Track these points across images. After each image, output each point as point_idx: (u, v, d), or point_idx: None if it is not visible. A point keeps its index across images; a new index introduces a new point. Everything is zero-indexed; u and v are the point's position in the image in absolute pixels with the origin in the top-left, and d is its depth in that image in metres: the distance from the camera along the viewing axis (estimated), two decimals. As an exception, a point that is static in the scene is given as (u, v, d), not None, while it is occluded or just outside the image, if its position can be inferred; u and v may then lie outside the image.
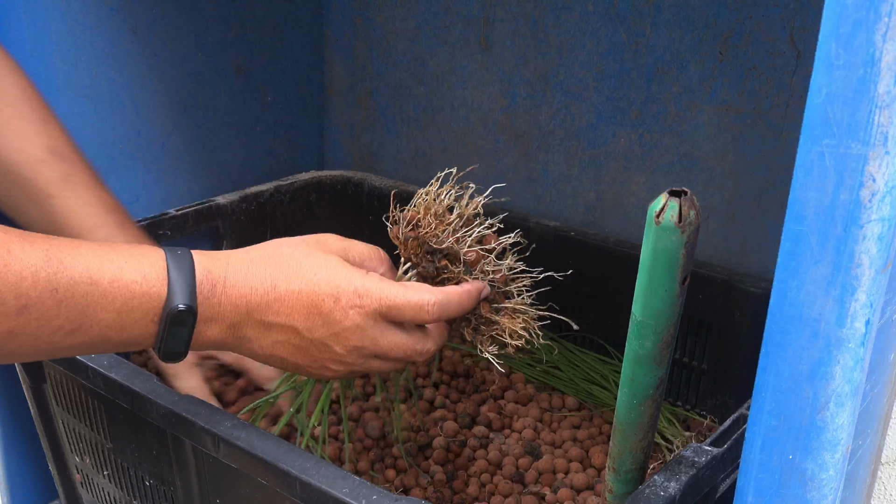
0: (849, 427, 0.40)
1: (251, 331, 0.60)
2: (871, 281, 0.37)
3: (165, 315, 0.55)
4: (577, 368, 0.96)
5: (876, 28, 0.33)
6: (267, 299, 0.59)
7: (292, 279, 0.60)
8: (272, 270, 0.60)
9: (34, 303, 0.49)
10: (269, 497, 0.65)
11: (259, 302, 0.59)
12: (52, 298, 0.50)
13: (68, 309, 0.51)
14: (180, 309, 0.55)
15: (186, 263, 0.56)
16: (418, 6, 1.11)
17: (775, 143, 0.87)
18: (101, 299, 0.52)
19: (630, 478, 0.59)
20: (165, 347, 0.56)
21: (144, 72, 1.01)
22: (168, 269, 0.55)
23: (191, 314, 0.56)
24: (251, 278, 0.59)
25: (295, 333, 0.60)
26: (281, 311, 0.59)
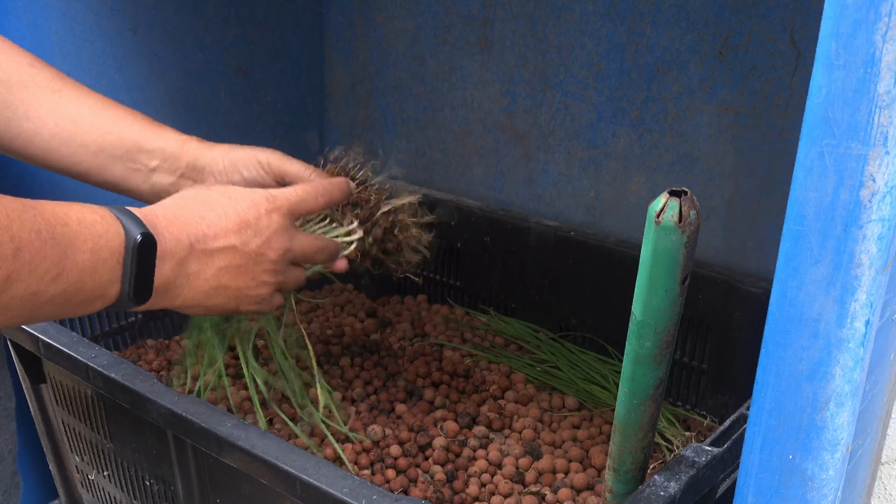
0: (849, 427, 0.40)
1: (195, 264, 0.63)
2: (871, 281, 0.37)
3: (130, 247, 0.56)
4: (577, 368, 0.96)
5: (876, 28, 0.33)
6: (202, 228, 0.63)
7: (215, 206, 0.65)
8: (194, 205, 0.65)
9: (25, 244, 0.49)
10: (269, 497, 0.65)
11: (196, 233, 0.63)
12: (38, 239, 0.50)
13: (52, 250, 0.51)
14: (139, 238, 0.57)
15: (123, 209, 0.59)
16: (418, 6, 1.11)
17: (775, 143, 0.87)
18: (75, 239, 0.53)
19: (630, 478, 0.59)
20: (134, 286, 0.57)
21: (144, 72, 1.01)
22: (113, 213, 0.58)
23: (152, 242, 0.58)
24: (181, 215, 0.63)
25: (234, 252, 0.65)
26: (218, 235, 0.64)
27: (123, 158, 0.77)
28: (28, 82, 0.74)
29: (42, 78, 0.75)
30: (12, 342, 0.84)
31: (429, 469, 0.80)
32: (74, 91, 0.76)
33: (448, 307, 1.11)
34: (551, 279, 1.01)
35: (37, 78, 0.74)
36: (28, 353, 0.82)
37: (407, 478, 0.79)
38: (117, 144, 0.77)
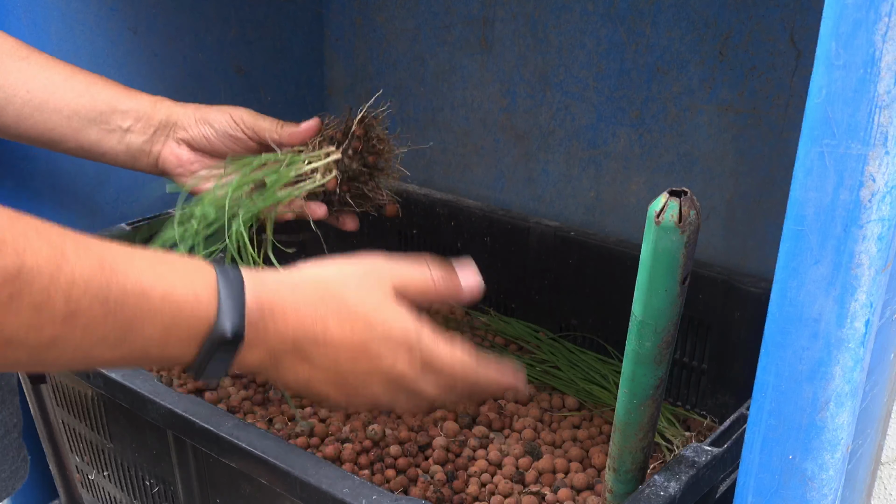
0: (849, 427, 0.40)
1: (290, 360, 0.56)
2: (871, 281, 0.37)
3: (211, 339, 0.51)
4: (577, 368, 0.96)
5: (876, 28, 0.33)
6: (315, 336, 0.56)
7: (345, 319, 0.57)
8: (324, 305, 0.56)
9: (83, 310, 0.46)
10: (269, 497, 0.65)
11: (306, 337, 0.56)
12: (101, 308, 0.47)
13: (116, 320, 0.47)
14: (227, 336, 0.51)
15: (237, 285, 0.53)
16: (418, 6, 1.11)
17: (775, 143, 0.87)
18: (150, 314, 0.49)
19: (630, 478, 0.59)
20: (205, 371, 0.53)
21: (144, 72, 1.01)
22: (219, 291, 0.52)
23: (237, 341, 0.52)
24: (302, 309, 0.55)
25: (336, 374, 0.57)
26: (328, 353, 0.56)
27: (97, 121, 0.77)
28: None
29: (8, 46, 0.75)
30: (12, 342, 0.84)
31: (429, 469, 0.80)
32: (42, 58, 0.76)
33: (448, 307, 1.11)
34: (551, 279, 1.01)
35: (3, 47, 0.74)
36: (28, 353, 0.82)
37: (407, 478, 0.79)
38: (90, 107, 0.77)
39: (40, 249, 0.44)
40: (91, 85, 0.77)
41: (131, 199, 1.03)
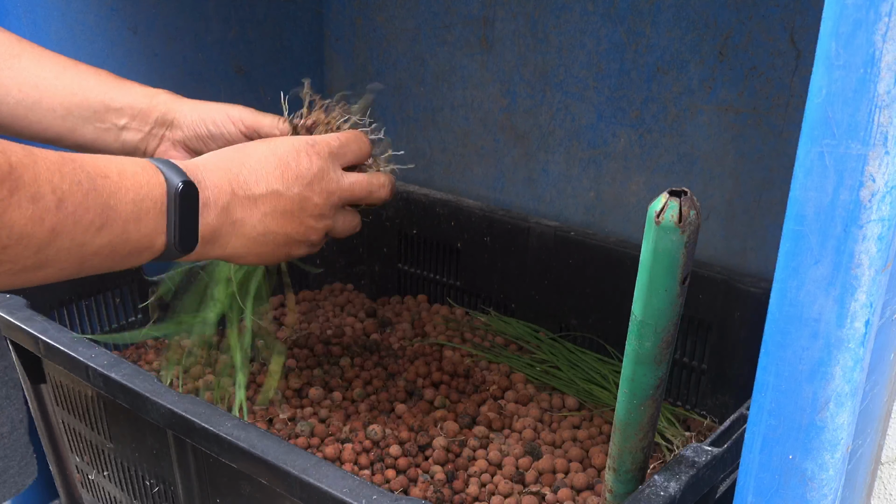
0: (849, 427, 0.40)
1: (240, 210, 0.63)
2: (871, 281, 0.37)
3: (172, 195, 0.57)
4: (577, 368, 0.96)
5: (876, 28, 0.33)
6: (243, 174, 0.63)
7: (254, 153, 0.65)
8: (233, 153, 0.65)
9: (67, 195, 0.49)
10: (269, 497, 0.65)
11: (237, 179, 0.63)
12: (80, 191, 0.50)
13: (94, 201, 0.51)
14: (181, 186, 0.57)
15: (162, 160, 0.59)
16: (418, 6, 1.11)
17: (775, 143, 0.87)
18: (117, 191, 0.53)
19: (630, 478, 0.59)
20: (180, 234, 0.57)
21: (144, 72, 1.01)
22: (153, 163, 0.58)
23: (193, 189, 0.58)
24: (220, 163, 0.63)
25: (278, 196, 0.65)
26: (259, 179, 0.64)
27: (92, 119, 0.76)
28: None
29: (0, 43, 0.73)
30: (12, 342, 0.84)
31: (429, 469, 0.80)
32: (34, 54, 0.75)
33: (448, 307, 1.11)
34: (551, 279, 1.01)
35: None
36: (28, 353, 0.82)
37: (407, 478, 0.79)
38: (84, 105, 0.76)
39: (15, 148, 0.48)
40: (83, 80, 0.75)
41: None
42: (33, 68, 0.74)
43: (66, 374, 0.79)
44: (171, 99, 0.77)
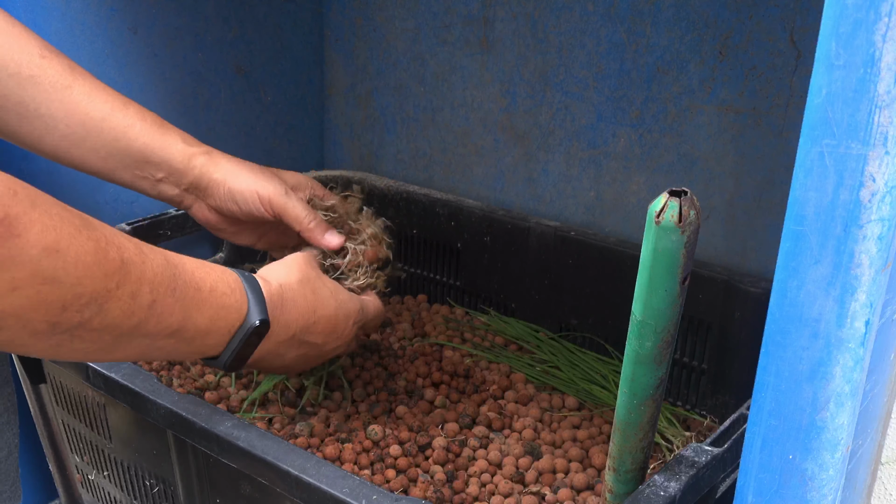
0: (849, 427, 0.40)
1: (286, 348, 0.69)
2: (871, 281, 0.37)
3: (246, 328, 0.61)
4: (577, 368, 0.96)
5: (876, 28, 0.33)
6: (309, 323, 0.69)
7: (325, 305, 0.71)
8: (311, 296, 0.70)
9: (160, 299, 0.53)
10: (269, 497, 0.65)
11: (304, 325, 0.69)
12: (171, 297, 0.54)
13: (180, 310, 0.55)
14: (257, 324, 0.61)
15: (255, 284, 0.63)
16: (418, 6, 1.11)
17: (775, 143, 0.87)
18: (202, 305, 0.57)
19: (630, 478, 0.59)
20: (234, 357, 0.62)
21: (144, 72, 1.01)
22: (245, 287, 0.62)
23: (265, 328, 0.62)
24: (299, 302, 0.68)
25: (315, 347, 0.72)
26: (314, 332, 0.70)
27: (132, 167, 0.78)
28: (39, 77, 0.73)
29: (53, 72, 0.74)
30: (12, 342, 0.84)
31: (429, 469, 0.80)
32: (85, 88, 0.75)
33: (448, 307, 1.11)
34: (551, 279, 1.01)
35: (48, 72, 0.74)
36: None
37: (407, 478, 0.79)
38: (125, 154, 0.77)
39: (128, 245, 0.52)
40: (128, 128, 0.77)
41: (131, 199, 1.03)
42: (84, 104, 0.75)
43: (66, 374, 0.79)
44: (207, 162, 0.79)
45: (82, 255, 0.48)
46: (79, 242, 0.48)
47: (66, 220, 0.47)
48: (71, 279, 0.47)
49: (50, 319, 0.47)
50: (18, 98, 0.73)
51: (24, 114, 0.74)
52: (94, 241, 0.49)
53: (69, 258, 0.47)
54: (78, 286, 0.48)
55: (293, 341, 0.69)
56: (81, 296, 0.48)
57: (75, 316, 0.48)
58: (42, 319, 0.47)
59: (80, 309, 0.48)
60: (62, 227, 0.47)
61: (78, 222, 0.48)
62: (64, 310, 0.47)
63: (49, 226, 0.46)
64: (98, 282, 0.49)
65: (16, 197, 0.44)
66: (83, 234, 0.48)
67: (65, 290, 0.47)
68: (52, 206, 0.47)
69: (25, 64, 0.73)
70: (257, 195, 0.78)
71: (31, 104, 0.74)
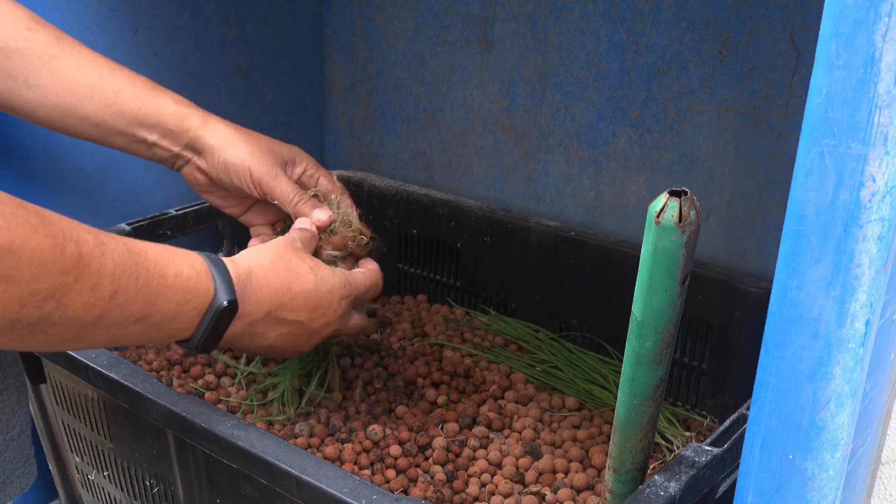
0: (849, 427, 0.40)
1: (263, 326, 0.67)
2: (871, 281, 0.37)
3: (214, 309, 0.61)
4: (577, 368, 0.96)
5: (876, 28, 0.33)
6: (284, 299, 0.68)
7: (302, 281, 0.70)
8: (285, 273, 0.69)
9: (122, 289, 0.54)
10: (270, 497, 0.65)
11: (278, 302, 0.67)
12: (134, 286, 0.55)
13: (143, 297, 0.55)
14: (225, 305, 0.61)
15: (222, 266, 0.63)
16: (418, 6, 1.11)
17: (775, 143, 0.87)
18: (167, 291, 0.57)
19: (630, 478, 0.59)
20: (205, 338, 0.62)
21: (144, 72, 1.00)
22: (210, 269, 0.62)
23: (233, 309, 0.62)
24: (272, 281, 0.67)
25: (299, 326, 0.70)
26: (293, 308, 0.69)
27: (124, 132, 0.78)
28: (25, 49, 0.74)
29: (39, 43, 0.74)
30: (12, 342, 0.84)
31: (429, 469, 0.80)
32: (73, 57, 0.75)
33: (448, 307, 1.11)
34: (551, 279, 1.01)
35: (34, 43, 0.74)
36: (28, 353, 0.82)
37: (407, 478, 0.79)
38: (117, 118, 0.77)
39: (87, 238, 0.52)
40: (118, 92, 0.77)
41: (131, 199, 1.03)
42: (72, 72, 0.76)
43: (66, 374, 0.79)
44: (201, 124, 0.79)
45: (37, 253, 0.48)
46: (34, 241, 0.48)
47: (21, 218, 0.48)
48: (26, 277, 0.48)
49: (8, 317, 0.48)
50: (7, 71, 0.74)
51: (13, 87, 0.74)
52: (51, 238, 0.49)
53: (24, 257, 0.47)
54: (34, 283, 0.48)
55: (270, 320, 0.67)
56: (38, 292, 0.49)
57: (34, 312, 0.49)
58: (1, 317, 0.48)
59: (38, 305, 0.49)
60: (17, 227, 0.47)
61: (34, 220, 0.49)
62: (22, 306, 0.48)
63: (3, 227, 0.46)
64: (55, 277, 0.49)
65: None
66: (39, 232, 0.49)
67: (21, 288, 0.48)
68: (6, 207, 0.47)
69: (12, 37, 0.73)
70: (249, 173, 0.79)
71: (21, 76, 0.74)
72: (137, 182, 1.03)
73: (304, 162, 0.84)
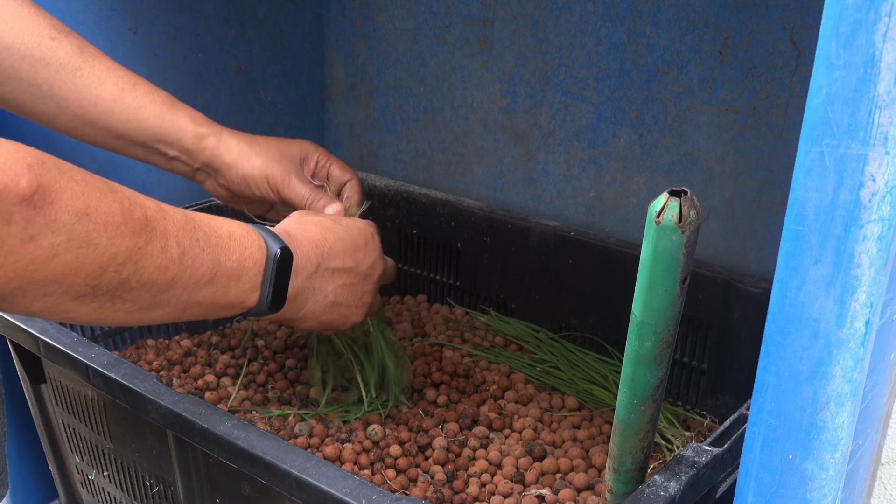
0: (849, 427, 0.40)
1: (319, 280, 0.70)
2: (871, 281, 0.37)
3: (271, 259, 0.63)
4: (577, 368, 0.96)
5: (876, 28, 0.33)
6: (325, 249, 0.70)
7: (333, 230, 0.72)
8: (315, 228, 0.71)
9: (188, 250, 0.55)
10: (270, 497, 0.65)
11: (321, 252, 0.69)
12: (198, 246, 0.56)
13: (209, 257, 0.57)
14: (279, 252, 0.63)
15: (263, 227, 0.65)
16: (418, 6, 1.11)
17: (775, 143, 0.87)
18: (227, 249, 0.59)
19: (630, 478, 0.59)
20: (273, 293, 0.63)
21: (144, 72, 1.01)
22: (255, 228, 0.64)
23: (288, 258, 0.64)
24: (309, 235, 0.69)
25: (350, 272, 0.72)
26: (338, 256, 0.71)
27: (144, 145, 0.80)
28: (49, 59, 0.75)
29: (63, 53, 0.75)
30: (12, 342, 0.84)
31: (429, 469, 0.80)
32: (94, 70, 0.77)
33: (448, 307, 1.11)
34: (551, 279, 1.01)
35: (58, 53, 0.75)
36: (28, 353, 0.83)
37: (407, 478, 0.79)
38: (137, 133, 0.79)
39: (149, 204, 0.54)
40: (138, 111, 0.78)
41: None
42: (94, 86, 0.77)
43: (66, 374, 0.79)
44: (217, 144, 0.81)
45: (110, 217, 0.50)
46: (105, 205, 0.50)
47: (91, 184, 0.49)
48: (104, 240, 0.49)
49: (90, 282, 0.49)
50: (31, 80, 0.75)
51: (37, 95, 0.76)
52: (119, 203, 0.51)
53: (99, 220, 0.49)
54: (112, 246, 0.50)
55: (322, 272, 0.69)
56: (117, 255, 0.50)
57: (114, 276, 0.51)
58: (83, 283, 0.49)
59: (117, 269, 0.50)
60: (89, 191, 0.49)
61: (102, 186, 0.50)
62: (103, 271, 0.50)
63: (77, 192, 0.48)
64: (129, 240, 0.51)
65: (44, 166, 0.46)
66: (108, 196, 0.50)
67: (100, 252, 0.49)
68: (76, 173, 0.49)
69: (36, 46, 0.74)
70: (266, 182, 0.82)
71: (44, 86, 0.75)
72: (137, 182, 1.03)
73: (314, 155, 0.86)
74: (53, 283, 0.48)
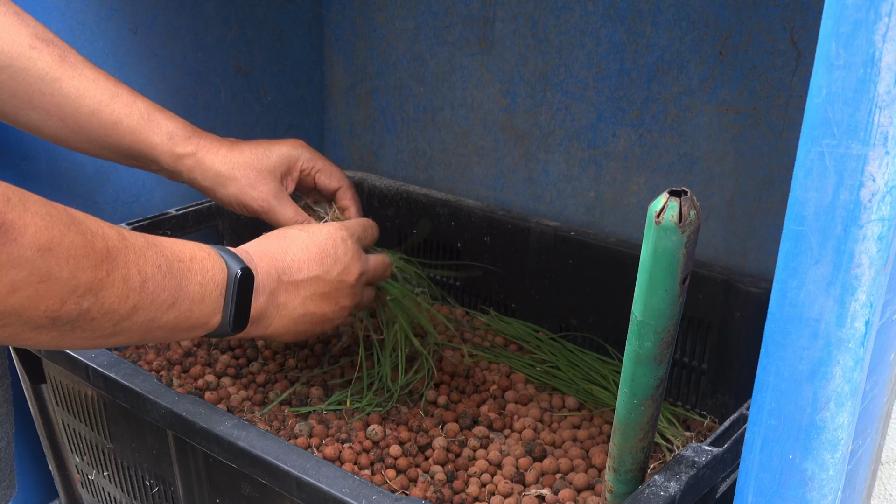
0: (849, 427, 0.40)
1: (284, 295, 0.69)
2: (871, 281, 0.36)
3: (232, 280, 0.62)
4: (577, 368, 0.96)
5: (876, 28, 0.33)
6: (286, 262, 0.69)
7: (295, 240, 0.71)
8: (276, 241, 0.71)
9: (149, 277, 0.55)
10: (270, 497, 0.65)
11: (282, 266, 0.69)
12: (159, 273, 0.56)
13: (170, 283, 0.57)
14: (240, 272, 0.63)
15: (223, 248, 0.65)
16: (418, 6, 1.11)
17: (775, 143, 0.87)
18: (188, 273, 0.59)
19: (630, 478, 0.59)
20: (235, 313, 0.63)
21: (144, 72, 1.01)
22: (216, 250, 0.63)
23: (250, 275, 0.64)
24: (268, 251, 0.69)
25: (318, 280, 0.71)
26: (301, 266, 0.70)
27: (127, 157, 0.81)
28: (29, 69, 0.74)
29: (42, 64, 0.75)
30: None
31: (429, 469, 0.80)
32: (73, 81, 0.76)
33: (448, 307, 1.11)
34: (551, 279, 1.01)
35: (37, 64, 0.74)
36: (28, 353, 0.83)
37: (407, 478, 0.79)
38: (117, 147, 0.79)
39: (110, 233, 0.54)
40: (116, 125, 0.78)
41: (131, 199, 1.03)
42: (72, 98, 0.77)
43: (66, 374, 0.79)
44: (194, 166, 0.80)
45: (73, 250, 0.50)
46: (69, 238, 0.49)
47: (55, 218, 0.49)
48: (66, 274, 0.49)
49: (50, 315, 0.49)
50: (12, 90, 0.75)
51: (19, 106, 0.75)
52: (82, 235, 0.51)
53: (61, 255, 0.49)
54: (73, 280, 0.50)
55: (285, 286, 0.69)
56: (77, 288, 0.50)
57: (74, 308, 0.50)
58: (43, 315, 0.49)
59: (77, 301, 0.50)
60: (53, 226, 0.48)
61: (66, 218, 0.50)
62: (63, 303, 0.49)
63: (41, 227, 0.47)
64: (90, 272, 0.51)
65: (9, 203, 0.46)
66: (72, 229, 0.50)
67: (61, 285, 0.49)
68: (41, 207, 0.48)
69: (16, 56, 0.73)
70: (245, 208, 0.82)
71: (25, 97, 0.75)
72: (137, 182, 1.03)
73: (298, 162, 0.84)
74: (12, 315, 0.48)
